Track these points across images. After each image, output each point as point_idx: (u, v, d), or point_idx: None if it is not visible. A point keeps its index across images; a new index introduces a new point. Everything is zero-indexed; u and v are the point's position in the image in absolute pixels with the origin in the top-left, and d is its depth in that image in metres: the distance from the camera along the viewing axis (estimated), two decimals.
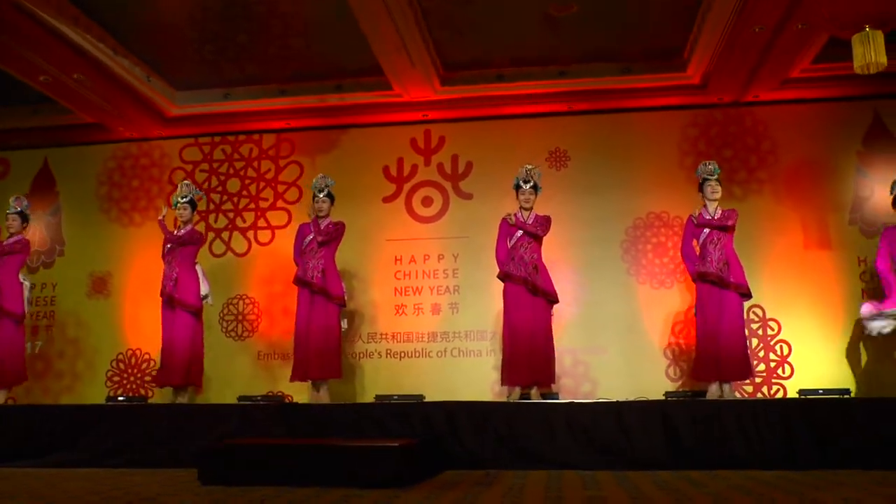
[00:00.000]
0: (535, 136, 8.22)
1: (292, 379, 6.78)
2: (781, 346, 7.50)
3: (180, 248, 7.02)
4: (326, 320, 6.72)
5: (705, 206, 6.56)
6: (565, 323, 7.62)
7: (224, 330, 8.24)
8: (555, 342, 6.57)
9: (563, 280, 7.52)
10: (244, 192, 8.61)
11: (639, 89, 7.86)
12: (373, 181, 8.40)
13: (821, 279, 7.53)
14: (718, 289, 6.24)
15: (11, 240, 7.24)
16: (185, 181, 7.41)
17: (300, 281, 6.85)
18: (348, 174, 8.20)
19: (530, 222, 6.55)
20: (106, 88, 7.60)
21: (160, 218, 7.15)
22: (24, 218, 7.39)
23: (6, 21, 6.29)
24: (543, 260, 6.62)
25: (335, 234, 6.96)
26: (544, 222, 6.62)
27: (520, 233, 6.50)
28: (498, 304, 6.81)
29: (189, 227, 7.17)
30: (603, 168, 8.07)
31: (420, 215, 8.35)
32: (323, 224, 6.93)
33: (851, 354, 7.30)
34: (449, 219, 8.29)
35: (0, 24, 6.32)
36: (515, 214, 6.59)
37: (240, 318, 8.27)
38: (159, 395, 7.63)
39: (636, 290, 7.84)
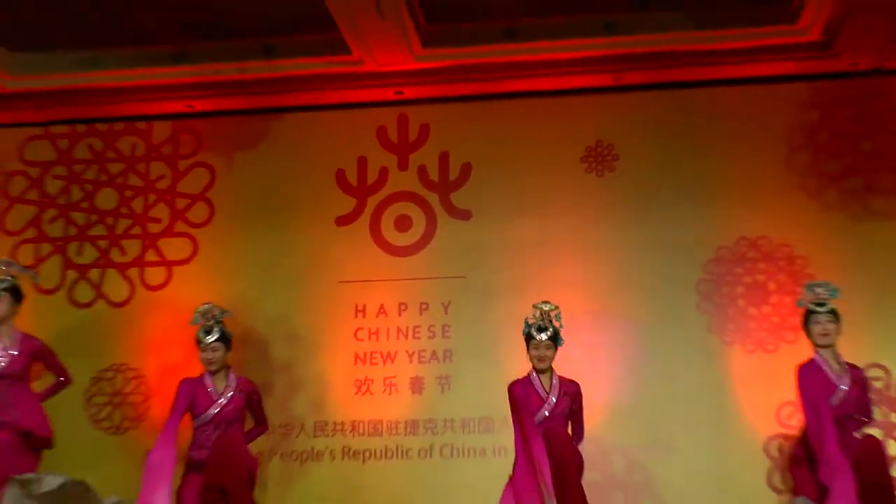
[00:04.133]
0: (564, 124, 8.15)
1: None
2: None
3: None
4: None
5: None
6: (612, 406, 7.59)
7: (92, 418, 8.00)
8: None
9: (607, 342, 7.74)
10: (124, 210, 8.50)
11: (724, 51, 7.72)
12: (321, 193, 8.32)
13: None
14: None
15: None
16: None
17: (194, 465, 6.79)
18: (283, 182, 8.32)
19: (555, 398, 6.56)
20: None
21: None
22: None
23: None
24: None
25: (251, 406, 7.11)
26: (576, 396, 6.70)
27: (546, 411, 6.52)
28: (508, 375, 6.73)
29: (16, 336, 6.87)
30: (669, 172, 7.99)
31: (392, 244, 8.21)
32: (226, 391, 6.93)
33: None
34: (436, 250, 8.16)
35: None
36: (531, 383, 6.67)
37: (116, 400, 8.05)
38: None
39: (722, 356, 7.66)
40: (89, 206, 8.52)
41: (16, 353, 6.70)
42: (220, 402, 6.75)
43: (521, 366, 6.73)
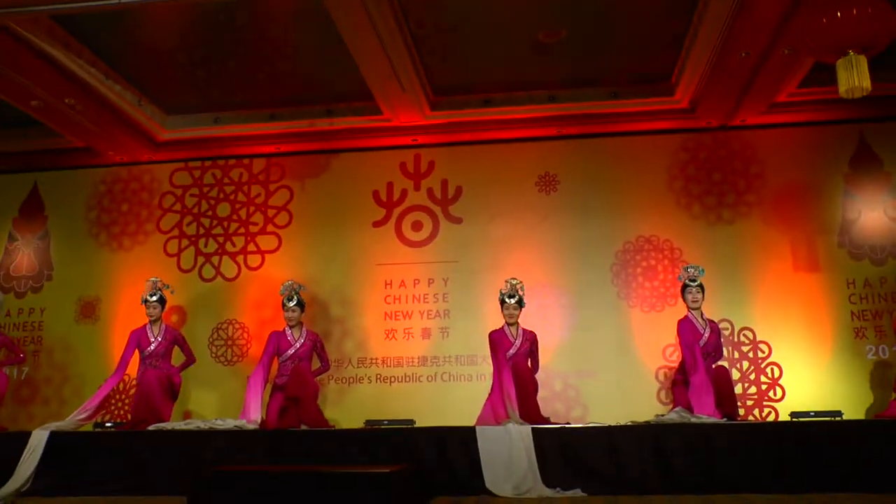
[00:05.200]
0: (524, 160, 8.22)
1: None
2: (772, 369, 7.44)
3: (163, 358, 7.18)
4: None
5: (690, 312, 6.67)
6: (556, 347, 7.65)
7: (213, 355, 8.14)
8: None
9: (553, 304, 7.81)
10: (234, 217, 8.55)
11: (627, 113, 7.82)
12: (363, 206, 8.38)
13: (810, 302, 7.53)
14: None
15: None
16: (151, 278, 7.35)
17: (278, 386, 6.90)
18: (338, 199, 8.36)
19: (519, 342, 6.70)
20: (97, 113, 7.52)
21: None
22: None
23: None
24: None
25: (316, 349, 7.17)
26: (534, 341, 6.82)
27: (513, 351, 6.65)
28: (488, 327, 6.94)
29: (162, 327, 7.25)
30: (592, 192, 8.06)
31: (410, 240, 8.28)
32: (300, 339, 7.03)
33: (842, 376, 7.31)
34: (439, 243, 8.23)
35: None
36: (503, 332, 6.76)
37: (229, 342, 8.17)
38: None
39: (627, 314, 7.78)
40: (212, 214, 8.54)
41: (161, 339, 7.12)
42: (295, 345, 6.91)
43: (496, 321, 6.89)
